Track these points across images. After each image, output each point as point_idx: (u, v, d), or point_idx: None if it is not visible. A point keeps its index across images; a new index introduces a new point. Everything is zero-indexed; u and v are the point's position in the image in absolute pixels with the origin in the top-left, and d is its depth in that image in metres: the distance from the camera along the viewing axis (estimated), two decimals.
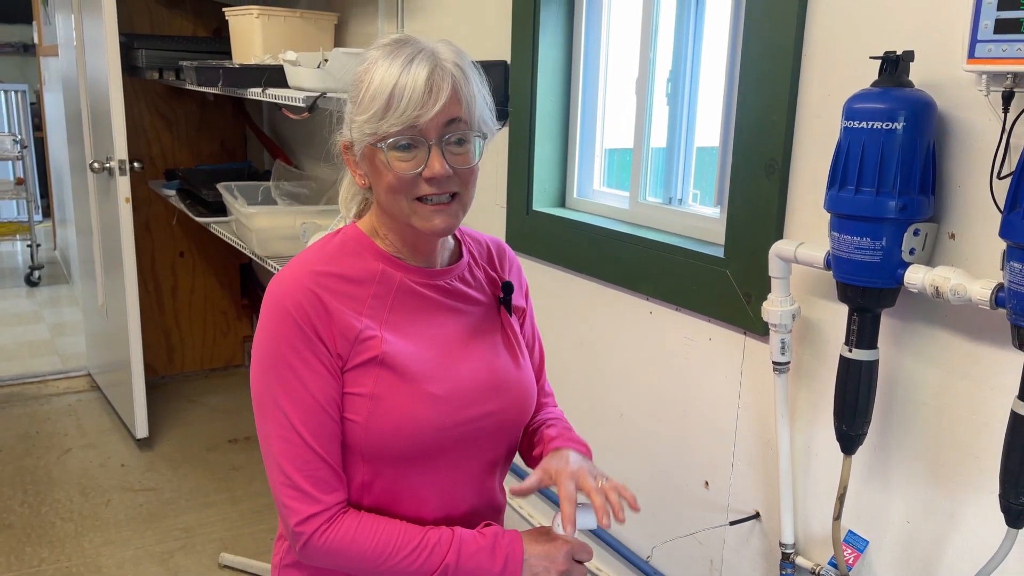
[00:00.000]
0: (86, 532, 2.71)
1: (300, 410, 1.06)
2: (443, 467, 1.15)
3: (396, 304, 1.12)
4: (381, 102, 1.02)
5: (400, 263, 1.14)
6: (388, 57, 1.04)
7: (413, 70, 1.02)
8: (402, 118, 1.02)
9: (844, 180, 1.22)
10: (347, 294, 1.09)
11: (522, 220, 2.15)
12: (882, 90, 1.19)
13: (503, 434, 1.21)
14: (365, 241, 1.14)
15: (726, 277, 1.60)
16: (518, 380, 1.21)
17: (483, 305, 1.21)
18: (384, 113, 1.02)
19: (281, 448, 1.06)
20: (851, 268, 1.24)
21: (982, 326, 1.21)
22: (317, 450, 1.06)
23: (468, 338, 1.18)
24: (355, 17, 2.87)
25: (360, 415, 1.08)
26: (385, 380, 1.09)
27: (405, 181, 1.05)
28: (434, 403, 1.11)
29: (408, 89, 1.01)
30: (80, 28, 3.28)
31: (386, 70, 1.03)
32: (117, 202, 3.05)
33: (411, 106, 1.01)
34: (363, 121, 1.05)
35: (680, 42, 1.83)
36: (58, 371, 4.05)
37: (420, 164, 1.04)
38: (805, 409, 1.50)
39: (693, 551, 1.78)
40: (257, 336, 1.10)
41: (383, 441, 1.09)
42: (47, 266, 5.93)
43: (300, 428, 1.06)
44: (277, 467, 1.07)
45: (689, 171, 1.88)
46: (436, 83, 1.02)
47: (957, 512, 1.28)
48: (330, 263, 1.11)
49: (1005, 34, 1.07)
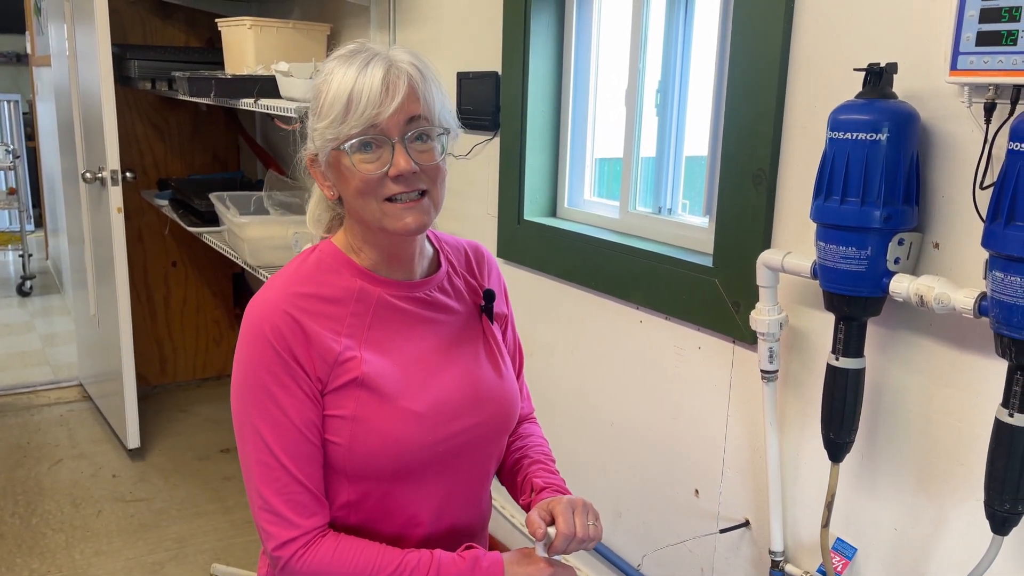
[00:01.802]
0: (77, 543, 2.70)
1: (278, 435, 1.06)
2: (429, 481, 1.14)
3: (375, 321, 1.11)
4: (340, 106, 1.03)
5: (378, 278, 1.13)
6: (344, 64, 1.05)
7: (369, 72, 1.03)
8: (362, 118, 1.03)
9: (830, 190, 1.24)
10: (325, 314, 1.09)
11: (513, 230, 2.16)
12: (866, 102, 1.21)
13: (487, 444, 1.21)
14: (341, 258, 1.13)
15: (715, 286, 1.61)
16: (500, 390, 1.21)
17: (463, 315, 1.21)
18: (344, 116, 1.03)
19: (260, 472, 1.07)
20: (837, 277, 1.25)
21: (966, 334, 1.22)
22: (296, 474, 1.06)
23: (449, 350, 1.17)
24: (347, 28, 2.88)
25: (342, 437, 1.08)
26: (366, 401, 1.08)
27: (372, 182, 1.05)
28: (417, 420, 1.10)
29: (366, 89, 1.02)
30: (73, 38, 3.28)
31: (343, 75, 1.04)
32: (109, 212, 3.05)
33: (369, 105, 1.02)
34: (324, 127, 1.05)
35: (669, 53, 1.85)
36: (49, 381, 4.03)
37: (385, 164, 1.05)
38: (793, 417, 1.51)
39: (683, 559, 1.79)
40: (236, 360, 1.10)
41: (368, 461, 1.09)
42: (39, 276, 5.91)
43: (278, 452, 1.06)
44: (256, 491, 1.07)
45: (678, 181, 1.90)
46: (392, 81, 1.03)
47: (943, 519, 1.29)
48: (307, 283, 1.10)
49: (987, 46, 1.09)
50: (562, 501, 1.09)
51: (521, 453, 1.29)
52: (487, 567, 1.08)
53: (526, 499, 1.23)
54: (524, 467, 1.27)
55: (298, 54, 2.74)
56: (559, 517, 1.08)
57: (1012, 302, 1.05)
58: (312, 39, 2.85)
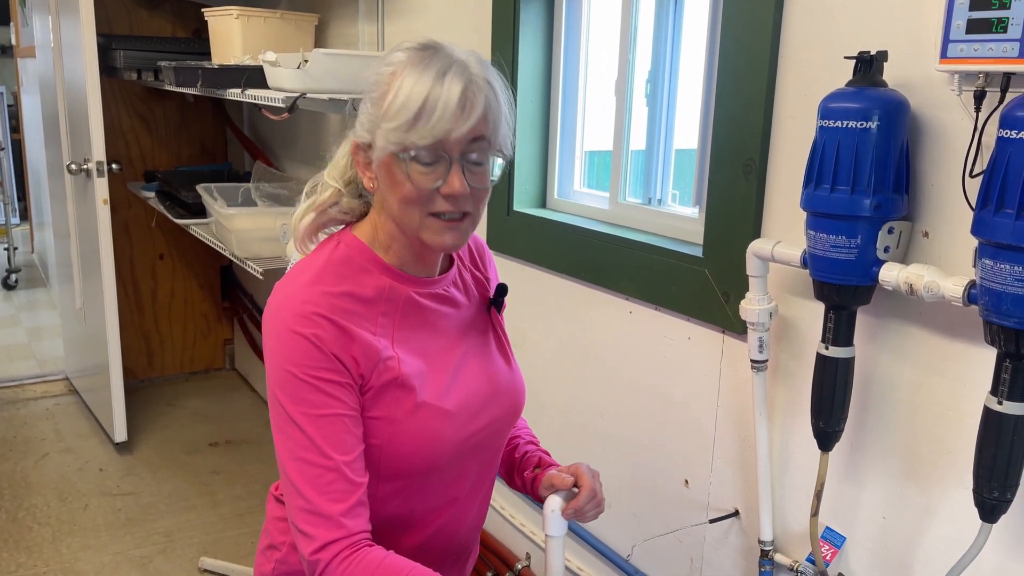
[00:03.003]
0: (64, 537, 2.68)
1: (325, 430, 1.01)
2: (452, 476, 1.15)
3: (403, 321, 1.10)
4: (411, 113, 0.98)
5: (404, 276, 1.11)
6: (419, 65, 0.99)
7: (447, 83, 0.98)
8: (432, 132, 0.98)
9: (820, 179, 1.23)
10: (359, 314, 1.06)
11: (503, 221, 2.15)
12: (856, 90, 1.21)
13: (502, 436, 1.23)
14: (368, 254, 1.09)
15: (705, 276, 1.61)
16: (511, 382, 1.22)
17: (473, 308, 1.21)
18: (413, 124, 0.98)
19: (300, 470, 1.01)
20: (827, 266, 1.25)
21: (955, 323, 1.23)
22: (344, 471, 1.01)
23: (465, 345, 1.17)
24: (336, 18, 2.86)
25: (379, 438, 1.06)
26: (402, 402, 1.07)
27: (423, 194, 1.01)
28: (448, 419, 1.10)
29: (442, 103, 0.97)
30: (57, 29, 3.25)
31: (417, 79, 0.98)
32: (95, 204, 3.02)
33: (443, 122, 0.97)
34: (389, 129, 1.00)
35: (659, 44, 1.84)
36: (36, 375, 4.00)
37: (439, 179, 1.00)
38: (783, 407, 1.51)
39: (673, 549, 1.79)
40: (274, 362, 1.04)
41: (401, 462, 1.08)
42: (24, 269, 5.86)
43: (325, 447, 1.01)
44: (296, 492, 1.01)
45: (668, 172, 1.89)
46: (470, 100, 0.98)
47: (932, 507, 1.29)
48: (341, 282, 1.06)
49: (977, 34, 1.09)
50: (583, 466, 1.18)
51: (513, 434, 1.31)
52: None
53: (530, 474, 1.25)
54: (520, 446, 1.30)
55: (286, 44, 2.72)
56: (583, 477, 1.17)
57: (1001, 289, 1.05)
58: (300, 29, 2.83)
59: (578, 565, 2.06)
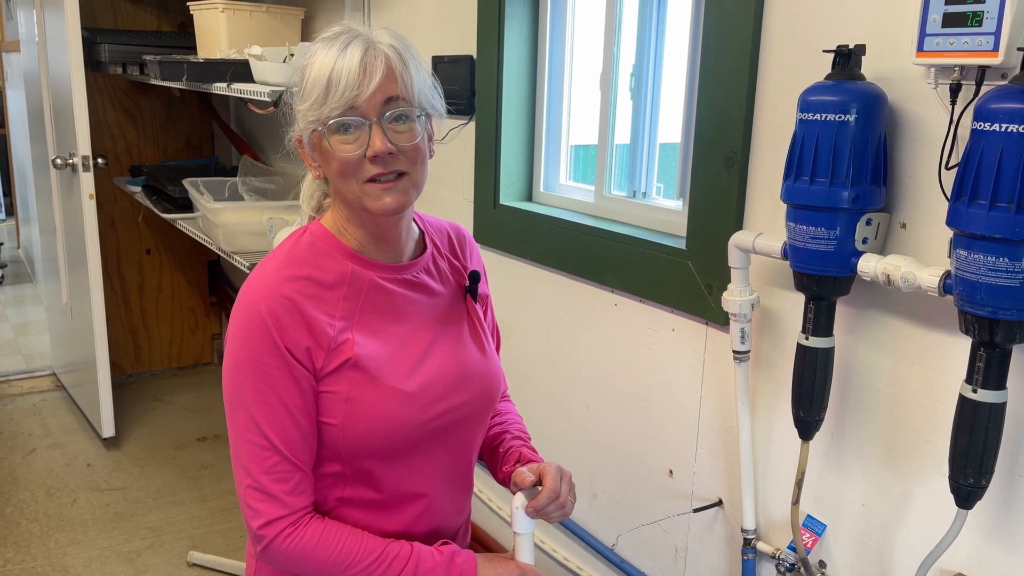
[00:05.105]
0: (52, 532, 2.68)
1: (271, 418, 1.07)
2: (418, 459, 1.17)
3: (366, 304, 1.13)
4: (320, 88, 1.04)
5: (368, 261, 1.14)
6: (326, 46, 1.06)
7: (348, 53, 1.04)
8: (341, 100, 1.04)
9: (799, 171, 1.25)
10: (320, 297, 1.10)
11: (489, 214, 2.16)
12: (835, 83, 1.22)
13: (474, 422, 1.23)
14: (332, 240, 1.14)
15: (688, 268, 1.62)
16: (486, 369, 1.23)
17: (448, 296, 1.23)
18: (324, 98, 1.04)
19: (249, 452, 1.07)
20: (807, 257, 1.27)
21: (932, 313, 1.25)
22: (286, 454, 1.07)
23: (436, 331, 1.19)
24: (322, 12, 2.86)
25: (336, 418, 1.10)
26: (358, 382, 1.10)
27: (351, 163, 1.06)
28: (407, 400, 1.12)
29: (345, 71, 1.03)
30: (42, 23, 3.23)
31: (323, 57, 1.05)
32: (81, 199, 3.01)
33: (348, 87, 1.03)
34: (306, 109, 1.07)
35: (643, 38, 1.85)
36: (22, 371, 3.99)
37: (363, 145, 1.06)
38: (765, 397, 1.53)
39: (658, 539, 1.81)
40: (230, 343, 1.10)
41: (360, 441, 1.11)
42: (10, 265, 5.83)
43: (270, 434, 1.07)
44: (244, 470, 1.08)
45: (653, 165, 1.91)
46: (369, 63, 1.04)
47: (910, 494, 1.31)
48: (303, 267, 1.11)
49: (952, 28, 1.11)
50: (552, 465, 1.17)
51: (501, 428, 1.32)
52: (461, 563, 1.13)
53: (511, 468, 1.26)
54: (506, 441, 1.31)
55: (272, 38, 2.72)
56: (547, 477, 1.15)
57: (975, 279, 1.07)
58: (286, 23, 2.82)
59: (564, 555, 2.07)
